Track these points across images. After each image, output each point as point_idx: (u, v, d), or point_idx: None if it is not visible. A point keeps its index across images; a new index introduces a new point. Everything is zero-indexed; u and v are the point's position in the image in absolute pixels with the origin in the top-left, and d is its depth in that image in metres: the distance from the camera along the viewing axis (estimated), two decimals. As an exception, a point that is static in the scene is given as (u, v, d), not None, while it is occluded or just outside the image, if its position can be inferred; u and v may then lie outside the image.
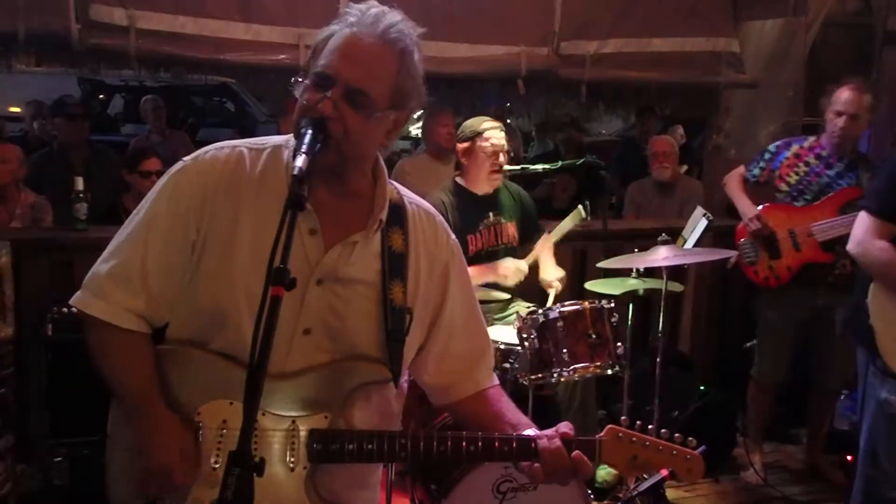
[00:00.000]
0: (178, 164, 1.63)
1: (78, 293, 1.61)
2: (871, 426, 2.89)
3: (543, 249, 3.78)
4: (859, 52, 5.70)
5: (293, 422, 1.55)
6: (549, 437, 1.56)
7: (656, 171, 5.30)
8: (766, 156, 3.98)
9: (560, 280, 3.64)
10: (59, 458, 3.36)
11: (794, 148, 3.91)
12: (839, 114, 3.71)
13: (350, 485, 1.67)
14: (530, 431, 1.61)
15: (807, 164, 3.86)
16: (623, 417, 1.62)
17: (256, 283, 1.38)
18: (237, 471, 1.19)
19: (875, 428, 2.88)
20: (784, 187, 3.90)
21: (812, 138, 3.93)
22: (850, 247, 2.89)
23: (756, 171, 4.00)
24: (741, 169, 4.08)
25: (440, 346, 1.72)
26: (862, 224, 2.86)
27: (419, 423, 3.00)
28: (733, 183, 4.07)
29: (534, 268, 3.73)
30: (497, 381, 1.80)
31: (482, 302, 3.54)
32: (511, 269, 3.57)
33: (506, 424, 1.67)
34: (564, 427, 1.58)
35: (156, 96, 6.77)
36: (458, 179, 3.74)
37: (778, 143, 4.02)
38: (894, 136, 5.12)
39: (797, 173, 3.87)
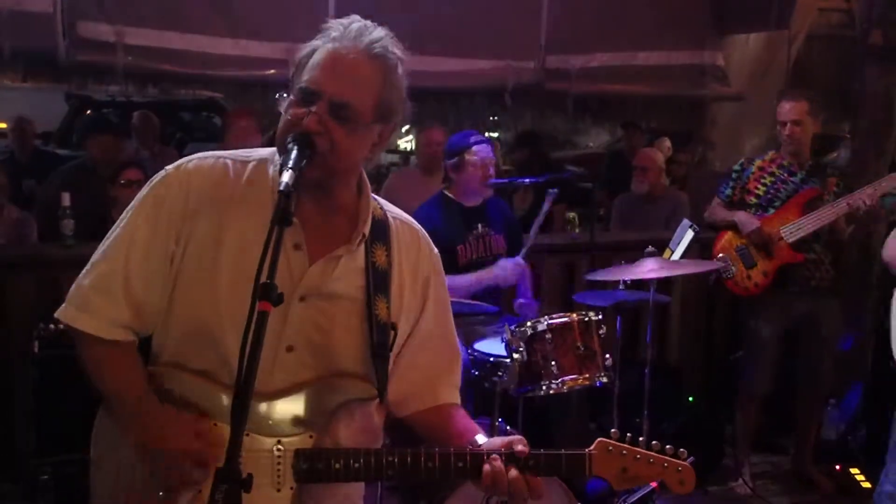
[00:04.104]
0: (161, 174, 1.59)
1: (63, 306, 1.58)
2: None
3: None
4: (842, 65, 5.77)
5: (278, 442, 1.53)
6: (493, 459, 1.52)
7: (634, 184, 5.37)
8: (734, 175, 4.14)
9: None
10: (46, 477, 3.32)
11: (757, 162, 4.08)
12: (783, 124, 3.93)
13: (336, 501, 1.65)
14: (480, 438, 1.60)
15: (772, 174, 4.02)
16: (613, 430, 1.59)
17: (240, 300, 1.36)
18: (224, 487, 1.17)
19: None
20: (753, 200, 4.04)
21: (771, 152, 4.10)
22: (884, 256, 3.12)
23: (728, 192, 4.14)
24: (715, 199, 4.21)
25: (409, 357, 1.70)
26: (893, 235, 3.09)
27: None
28: (717, 209, 4.19)
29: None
30: (458, 401, 1.77)
31: (473, 315, 3.61)
32: (509, 268, 3.60)
33: (453, 432, 1.65)
34: (520, 444, 1.55)
35: (147, 112, 6.70)
36: (447, 191, 3.76)
37: (741, 161, 4.19)
38: (876, 147, 5.17)
39: (764, 184, 4.03)
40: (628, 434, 1.59)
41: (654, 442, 1.59)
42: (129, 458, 1.56)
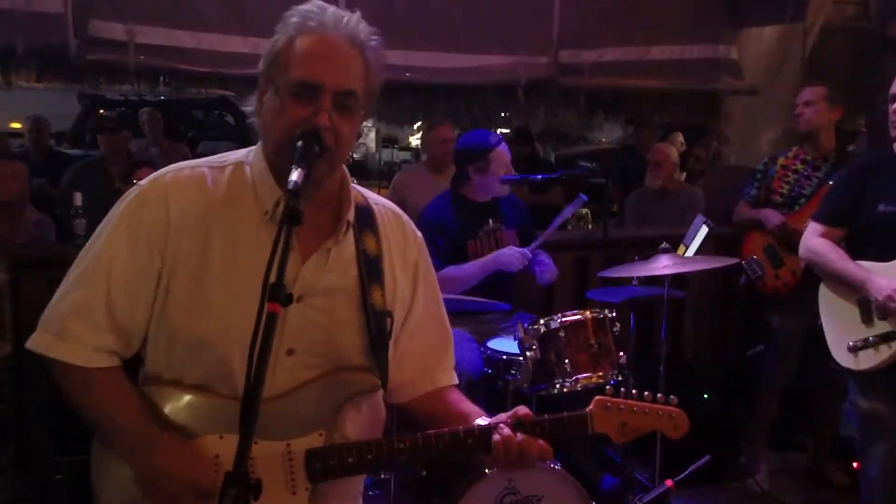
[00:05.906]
0: (134, 190, 1.54)
1: (35, 335, 1.51)
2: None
3: None
4: (858, 58, 5.70)
5: (288, 445, 1.51)
6: (499, 428, 1.54)
7: (647, 179, 5.33)
8: (758, 175, 4.13)
9: None
10: (59, 476, 3.33)
11: (780, 160, 4.06)
12: (795, 107, 3.98)
13: (343, 497, 1.64)
14: (481, 420, 1.60)
15: (795, 171, 4.00)
16: (608, 387, 1.65)
17: (233, 307, 1.32)
18: (233, 492, 1.15)
19: (856, 432, 3.00)
20: (779, 199, 4.02)
21: (795, 148, 4.09)
22: (801, 253, 3.12)
23: (753, 192, 4.14)
24: (742, 200, 4.21)
25: (404, 343, 1.68)
26: (807, 231, 3.11)
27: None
28: (743, 209, 4.18)
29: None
30: (456, 381, 1.77)
31: (486, 312, 3.58)
32: (516, 256, 3.56)
33: (458, 417, 1.65)
34: (523, 410, 1.57)
35: (152, 108, 6.75)
36: (457, 187, 3.73)
37: (765, 160, 4.18)
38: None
39: (788, 182, 4.01)
40: (622, 389, 1.65)
41: (646, 393, 1.64)
42: (132, 478, 1.52)
